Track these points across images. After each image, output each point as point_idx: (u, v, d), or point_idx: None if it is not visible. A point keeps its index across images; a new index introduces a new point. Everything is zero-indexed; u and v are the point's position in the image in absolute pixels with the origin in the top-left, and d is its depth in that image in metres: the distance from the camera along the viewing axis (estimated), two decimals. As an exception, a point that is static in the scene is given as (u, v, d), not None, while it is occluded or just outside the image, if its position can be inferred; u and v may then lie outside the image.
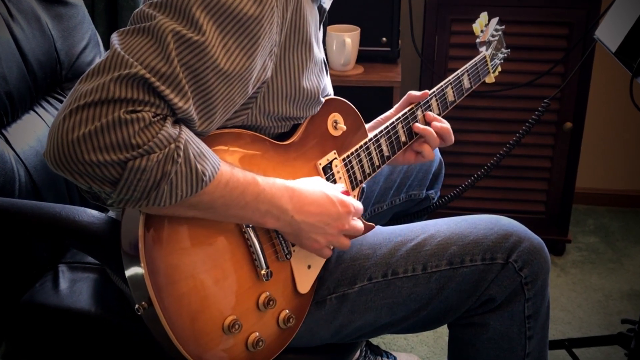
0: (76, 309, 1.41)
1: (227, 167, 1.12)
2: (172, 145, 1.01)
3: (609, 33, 1.69)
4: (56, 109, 1.66)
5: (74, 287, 1.46)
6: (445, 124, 1.54)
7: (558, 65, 2.42)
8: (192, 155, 1.04)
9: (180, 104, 1.03)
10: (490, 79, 1.81)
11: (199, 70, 1.04)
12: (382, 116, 1.60)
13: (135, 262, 1.10)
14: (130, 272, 1.12)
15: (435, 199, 1.86)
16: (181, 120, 1.06)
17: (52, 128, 1.00)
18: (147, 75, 1.00)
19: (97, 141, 0.97)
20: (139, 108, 1.00)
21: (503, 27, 1.85)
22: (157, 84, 1.00)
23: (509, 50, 1.87)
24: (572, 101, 2.52)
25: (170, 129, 1.02)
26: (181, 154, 1.02)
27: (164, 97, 1.01)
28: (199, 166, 1.05)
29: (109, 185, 1.01)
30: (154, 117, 1.00)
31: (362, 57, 2.56)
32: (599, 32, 1.75)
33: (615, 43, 1.63)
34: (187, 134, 1.04)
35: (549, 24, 2.45)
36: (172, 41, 1.02)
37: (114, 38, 1.05)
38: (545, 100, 1.99)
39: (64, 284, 1.47)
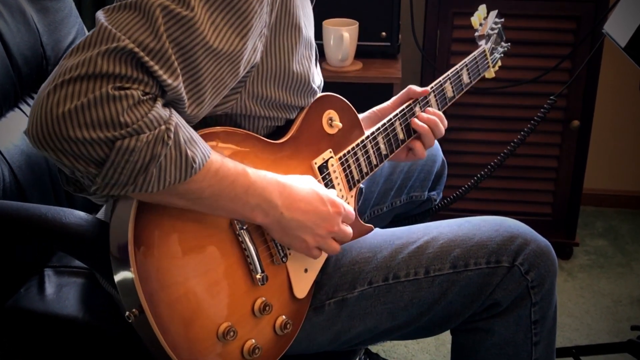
0: (63, 315, 1.40)
1: (217, 156, 1.13)
2: (163, 127, 1.01)
3: (618, 27, 1.70)
4: (42, 106, 1.66)
5: (60, 292, 1.46)
6: (433, 117, 1.54)
7: (565, 60, 2.43)
8: (182, 139, 1.04)
9: (169, 81, 1.03)
10: (490, 73, 1.82)
11: (189, 46, 1.05)
12: (378, 107, 1.61)
13: (125, 266, 1.10)
14: (119, 277, 1.12)
15: (438, 200, 1.87)
16: (170, 102, 1.06)
17: (36, 104, 0.99)
18: (136, 50, 1.00)
19: (84, 117, 0.97)
20: (127, 85, 1.00)
21: (502, 19, 1.86)
22: (146, 59, 1.00)
23: (509, 44, 1.88)
24: (579, 98, 2.53)
25: (160, 110, 1.02)
26: (172, 136, 1.02)
27: (153, 74, 1.01)
28: (189, 152, 1.05)
29: (94, 166, 1.01)
30: (143, 95, 1.01)
31: (361, 53, 2.57)
32: (607, 26, 1.76)
33: (625, 38, 1.63)
34: (177, 118, 1.05)
35: (556, 17, 2.46)
36: (160, 16, 1.02)
37: (100, 15, 1.04)
38: (551, 97, 2.00)
39: (50, 288, 1.47)
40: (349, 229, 1.32)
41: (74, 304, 1.43)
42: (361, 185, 1.48)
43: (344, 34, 2.42)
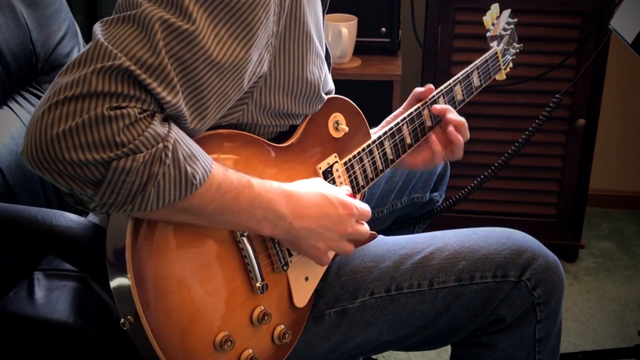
0: (53, 320, 1.40)
1: (220, 169, 1.11)
2: (160, 145, 1.01)
3: (625, 23, 1.70)
4: (31, 104, 1.65)
5: (50, 296, 1.46)
6: (461, 118, 1.55)
7: (570, 57, 2.43)
8: (181, 156, 1.03)
9: (168, 98, 1.02)
10: (501, 75, 1.81)
11: (189, 61, 1.04)
12: (391, 116, 1.60)
13: (121, 272, 1.09)
14: (115, 283, 1.12)
15: (440, 202, 1.86)
16: (171, 117, 1.05)
17: (30, 124, 0.99)
18: (132, 67, 0.99)
19: (79, 139, 0.97)
20: (124, 104, 0.99)
21: (515, 20, 1.85)
22: (143, 76, 1.00)
23: (522, 45, 1.88)
24: (585, 96, 2.53)
25: (158, 127, 1.01)
26: (169, 154, 1.01)
27: (151, 91, 1.00)
28: (188, 168, 1.04)
29: (91, 187, 1.00)
30: (140, 113, 1.00)
31: (360, 49, 2.57)
32: (614, 22, 1.76)
33: (632, 34, 1.63)
34: (176, 133, 1.04)
35: (561, 13, 2.46)
36: (159, 30, 1.01)
37: (97, 28, 1.04)
38: (556, 95, 2.00)
39: (39, 292, 1.47)
40: (364, 227, 1.31)
41: (64, 308, 1.42)
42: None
43: (342, 30, 2.42)
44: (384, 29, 2.56)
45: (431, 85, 1.56)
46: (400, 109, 1.59)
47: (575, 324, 2.49)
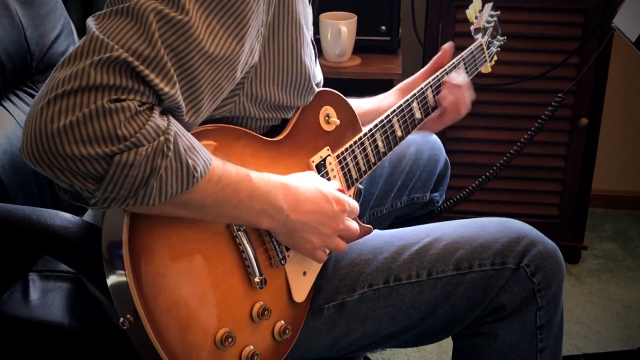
0: (48, 321, 1.40)
1: (219, 162, 1.12)
2: (162, 138, 1.01)
3: (628, 21, 1.70)
4: (26, 103, 1.66)
5: (45, 298, 1.46)
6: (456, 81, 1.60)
7: (573, 56, 2.43)
8: (182, 148, 1.04)
9: (166, 90, 1.03)
10: (486, 68, 1.84)
11: (184, 52, 1.04)
12: (409, 80, 1.62)
13: (119, 271, 1.10)
14: (113, 282, 1.12)
15: (440, 202, 1.87)
16: (168, 110, 1.06)
17: (29, 119, 0.99)
18: (130, 59, 0.99)
19: (80, 133, 0.97)
20: (124, 96, 0.99)
21: (498, 12, 1.87)
22: (141, 67, 1.00)
23: (505, 37, 1.90)
24: (587, 95, 2.53)
25: (158, 120, 1.01)
26: (171, 147, 1.02)
27: (149, 83, 1.01)
28: (190, 161, 1.05)
29: (92, 182, 1.01)
30: (140, 105, 1.00)
31: (360, 47, 2.57)
32: (617, 20, 1.76)
33: (635, 32, 1.64)
34: (176, 126, 1.04)
35: (563, 11, 2.46)
36: (154, 21, 1.01)
37: (91, 22, 1.04)
38: (559, 95, 2.00)
39: (34, 294, 1.47)
40: (354, 225, 1.33)
41: (59, 309, 1.43)
42: (360, 185, 1.49)
43: (341, 28, 2.42)
44: (384, 27, 2.56)
45: (447, 46, 1.61)
46: (419, 74, 1.65)
47: (577, 326, 2.49)
